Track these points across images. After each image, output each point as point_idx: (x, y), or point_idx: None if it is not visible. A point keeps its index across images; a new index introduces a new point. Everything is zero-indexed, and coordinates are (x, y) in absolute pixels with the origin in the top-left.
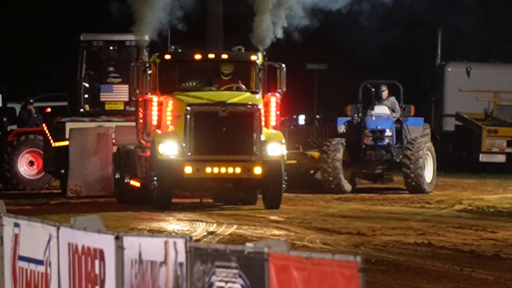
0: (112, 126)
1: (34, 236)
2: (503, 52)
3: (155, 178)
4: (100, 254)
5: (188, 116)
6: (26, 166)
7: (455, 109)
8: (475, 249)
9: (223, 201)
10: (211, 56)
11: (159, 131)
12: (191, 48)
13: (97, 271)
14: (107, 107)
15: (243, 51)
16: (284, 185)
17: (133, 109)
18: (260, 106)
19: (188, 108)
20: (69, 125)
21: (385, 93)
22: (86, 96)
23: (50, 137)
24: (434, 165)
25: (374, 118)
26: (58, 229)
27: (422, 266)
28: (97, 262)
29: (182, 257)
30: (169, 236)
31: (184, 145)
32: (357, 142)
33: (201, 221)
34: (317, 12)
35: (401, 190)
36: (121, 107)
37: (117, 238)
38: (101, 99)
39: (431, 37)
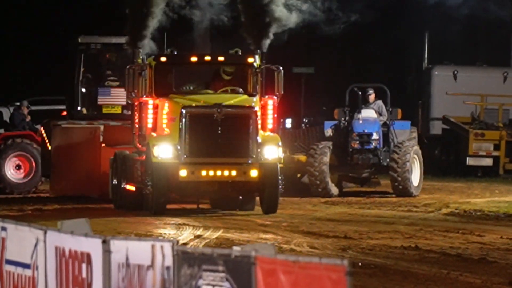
0: (100, 126)
1: (21, 239)
2: (490, 56)
3: (150, 182)
4: (87, 258)
5: (183, 119)
6: (13, 170)
7: (442, 112)
8: (462, 253)
9: (221, 207)
10: (207, 58)
11: (154, 134)
12: (187, 51)
13: (84, 274)
14: (104, 110)
15: (240, 53)
16: (281, 188)
17: (130, 113)
18: (256, 108)
19: (183, 110)
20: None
21: (372, 97)
22: (83, 99)
23: (46, 141)
24: (421, 168)
25: (361, 122)
26: (45, 232)
27: (409, 269)
28: (84, 265)
29: (169, 261)
30: (156, 240)
31: (179, 148)
32: (344, 145)
33: (187, 225)
34: (305, 19)
35: (388, 193)
36: (118, 110)
37: (104, 241)
38: (99, 103)
39: (418, 40)
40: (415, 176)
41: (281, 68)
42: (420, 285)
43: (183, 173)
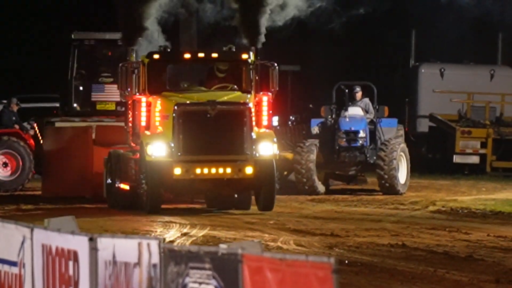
0: (92, 126)
1: (8, 237)
2: (476, 53)
3: (144, 180)
4: (74, 256)
5: (176, 116)
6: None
7: (429, 110)
8: (449, 251)
9: (216, 206)
10: (201, 55)
11: (148, 132)
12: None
13: (71, 272)
14: (98, 107)
15: (234, 50)
16: (277, 185)
17: (124, 109)
18: (250, 104)
19: (176, 107)
20: (59, 125)
21: (359, 94)
22: (77, 95)
23: (40, 138)
24: (408, 166)
25: (347, 120)
26: (32, 230)
27: (396, 267)
28: (71, 263)
29: (155, 259)
30: (143, 237)
31: (173, 145)
32: (330, 143)
33: (174, 222)
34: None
35: (375, 191)
36: (112, 107)
37: (91, 239)
38: (92, 99)
39: (405, 38)
40: (402, 174)
41: (275, 64)
42: (407, 283)
43: (177, 171)
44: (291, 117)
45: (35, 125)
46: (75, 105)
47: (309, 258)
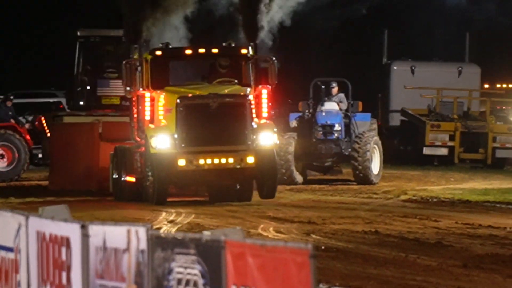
0: (99, 121)
1: (4, 224)
2: (445, 51)
3: (150, 172)
4: (67, 242)
5: (179, 109)
6: None
7: (401, 105)
8: (420, 237)
9: (219, 198)
10: (202, 51)
11: (152, 126)
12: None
13: (64, 257)
14: (103, 101)
15: (233, 45)
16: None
17: (128, 104)
18: (250, 97)
19: (179, 101)
20: (66, 119)
21: (335, 90)
22: (83, 90)
23: (47, 131)
24: (381, 157)
25: (324, 114)
26: (27, 218)
27: (369, 252)
28: (64, 249)
29: (143, 245)
30: (132, 224)
31: (176, 138)
32: (308, 136)
33: (161, 210)
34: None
35: (350, 181)
36: (117, 101)
37: (83, 226)
38: (98, 94)
39: (378, 37)
40: (375, 165)
41: (274, 58)
42: (380, 267)
43: (181, 162)
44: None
45: (42, 119)
46: (81, 99)
47: (288, 244)
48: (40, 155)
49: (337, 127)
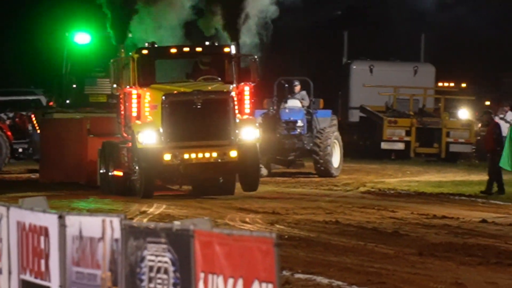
0: (87, 117)
1: None
2: (402, 51)
3: (136, 167)
4: (45, 231)
5: (165, 106)
6: None
7: (360, 102)
8: (377, 227)
9: (202, 192)
10: (186, 49)
11: (138, 122)
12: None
13: (42, 246)
14: (91, 99)
15: (216, 44)
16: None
17: (115, 102)
18: (233, 93)
19: (164, 98)
20: (55, 116)
21: (297, 88)
22: (71, 88)
23: (37, 127)
24: (341, 152)
25: (287, 111)
26: (8, 209)
27: (330, 241)
28: (42, 238)
29: (117, 234)
30: (106, 215)
31: (162, 133)
32: (272, 131)
33: (133, 201)
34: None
35: (311, 174)
36: (104, 99)
37: (60, 217)
38: (85, 92)
39: (339, 38)
40: (336, 159)
41: (256, 56)
42: (340, 255)
43: (167, 157)
44: None
45: (32, 116)
46: (69, 98)
47: (253, 234)
48: (20, 150)
49: (299, 123)
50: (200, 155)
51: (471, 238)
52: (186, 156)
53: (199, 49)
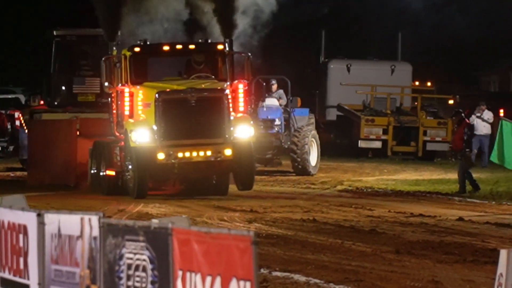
0: (77, 118)
1: None
2: (379, 50)
3: (130, 166)
4: (24, 229)
5: (158, 104)
6: None
7: (337, 101)
8: (355, 225)
9: (195, 193)
10: (179, 47)
11: (131, 120)
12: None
13: (21, 244)
14: (79, 99)
15: (210, 41)
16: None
17: (104, 101)
18: (227, 91)
19: (157, 95)
20: (43, 116)
21: (274, 87)
22: (59, 88)
23: (25, 128)
24: (318, 150)
25: (265, 109)
26: None
27: (307, 239)
28: (21, 236)
29: (96, 232)
30: (85, 213)
31: (155, 132)
32: None
33: (112, 199)
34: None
35: (289, 172)
36: (92, 99)
37: (39, 215)
38: (74, 91)
39: (316, 37)
40: (313, 157)
41: (249, 54)
42: (318, 253)
43: (160, 156)
44: None
45: (19, 116)
46: (57, 97)
47: (231, 232)
48: None
49: (277, 122)
50: (195, 153)
51: (448, 236)
52: (180, 154)
53: (192, 46)
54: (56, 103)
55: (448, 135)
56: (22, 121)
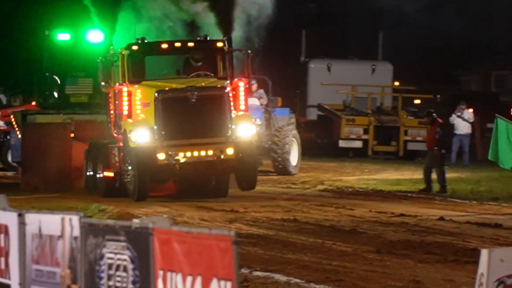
0: (71, 122)
1: None
2: (359, 50)
3: (130, 167)
4: (5, 229)
5: (158, 103)
6: None
7: (318, 100)
8: (335, 224)
9: (194, 194)
10: (178, 44)
11: (130, 120)
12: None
13: (2, 244)
14: (72, 99)
15: (209, 38)
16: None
17: (97, 101)
18: (228, 89)
19: (157, 95)
20: (37, 119)
21: (254, 87)
22: (52, 89)
23: (17, 129)
24: (299, 150)
25: None
26: None
27: (288, 239)
28: (2, 236)
29: (76, 232)
30: (66, 213)
31: (155, 131)
32: None
33: (93, 200)
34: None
35: (270, 172)
36: (85, 99)
37: (20, 215)
38: (66, 92)
39: (297, 37)
40: (294, 157)
41: (249, 51)
42: (298, 253)
43: (161, 156)
44: None
45: (11, 117)
46: (50, 98)
47: (212, 231)
48: None
49: (258, 122)
50: (196, 153)
51: (429, 236)
52: (181, 154)
53: (191, 44)
54: (49, 104)
55: None
56: (14, 123)
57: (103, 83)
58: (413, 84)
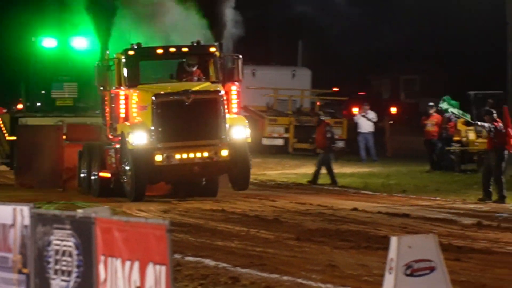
0: (63, 124)
1: None
2: (282, 56)
3: (127, 168)
4: None
5: (155, 106)
6: None
7: (243, 102)
8: (259, 214)
9: (185, 194)
10: (172, 50)
11: (127, 123)
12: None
13: None
14: (57, 103)
15: (202, 43)
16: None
17: (82, 105)
18: (222, 92)
19: (155, 98)
20: (29, 121)
21: None
22: (38, 92)
23: (5, 131)
24: None
25: None
26: None
27: (217, 227)
28: None
29: (27, 221)
30: (17, 204)
31: (153, 134)
32: None
33: (44, 192)
34: None
35: None
36: (70, 103)
37: None
38: (52, 96)
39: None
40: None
41: (240, 56)
42: (226, 240)
43: (158, 158)
44: None
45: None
46: (36, 102)
47: (148, 221)
48: None
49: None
50: (192, 155)
51: (344, 225)
52: (177, 156)
53: (185, 49)
54: (34, 107)
55: (344, 133)
56: (2, 126)
57: (100, 87)
58: (329, 87)
